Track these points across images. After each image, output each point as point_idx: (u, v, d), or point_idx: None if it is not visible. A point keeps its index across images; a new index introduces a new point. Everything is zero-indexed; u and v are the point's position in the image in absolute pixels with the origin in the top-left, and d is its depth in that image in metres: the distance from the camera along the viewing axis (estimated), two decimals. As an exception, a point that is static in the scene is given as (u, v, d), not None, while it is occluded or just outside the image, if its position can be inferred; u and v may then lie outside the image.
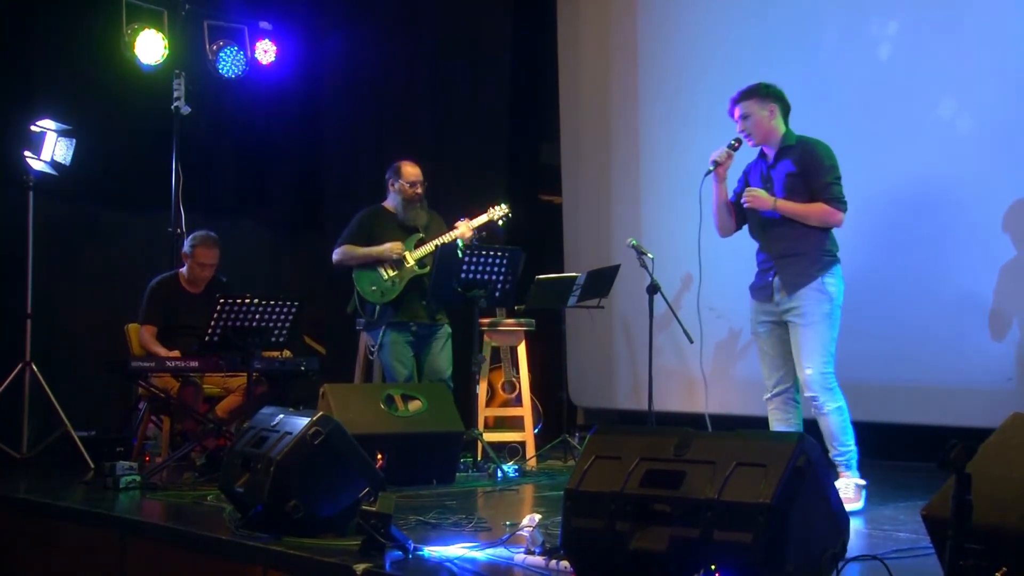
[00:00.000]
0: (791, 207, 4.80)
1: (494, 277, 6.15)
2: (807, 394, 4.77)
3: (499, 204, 6.50)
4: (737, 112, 4.94)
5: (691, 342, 6.46)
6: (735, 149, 4.96)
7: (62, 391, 6.35)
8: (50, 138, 6.50)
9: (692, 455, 3.06)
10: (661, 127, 7.59)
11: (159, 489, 5.23)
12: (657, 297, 6.44)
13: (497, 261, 6.13)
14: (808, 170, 4.81)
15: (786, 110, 4.95)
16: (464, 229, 6.30)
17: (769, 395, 4.96)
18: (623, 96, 7.90)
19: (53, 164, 6.50)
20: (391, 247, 6.29)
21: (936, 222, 6.11)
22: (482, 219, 6.41)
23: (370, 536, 3.48)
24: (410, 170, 6.45)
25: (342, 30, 8.30)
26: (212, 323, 5.53)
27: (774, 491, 2.82)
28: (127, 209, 7.43)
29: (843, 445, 4.77)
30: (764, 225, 4.94)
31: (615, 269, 6.83)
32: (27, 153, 6.46)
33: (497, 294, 6.22)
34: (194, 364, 5.65)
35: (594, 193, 8.12)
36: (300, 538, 3.76)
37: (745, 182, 5.09)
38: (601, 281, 6.79)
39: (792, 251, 4.82)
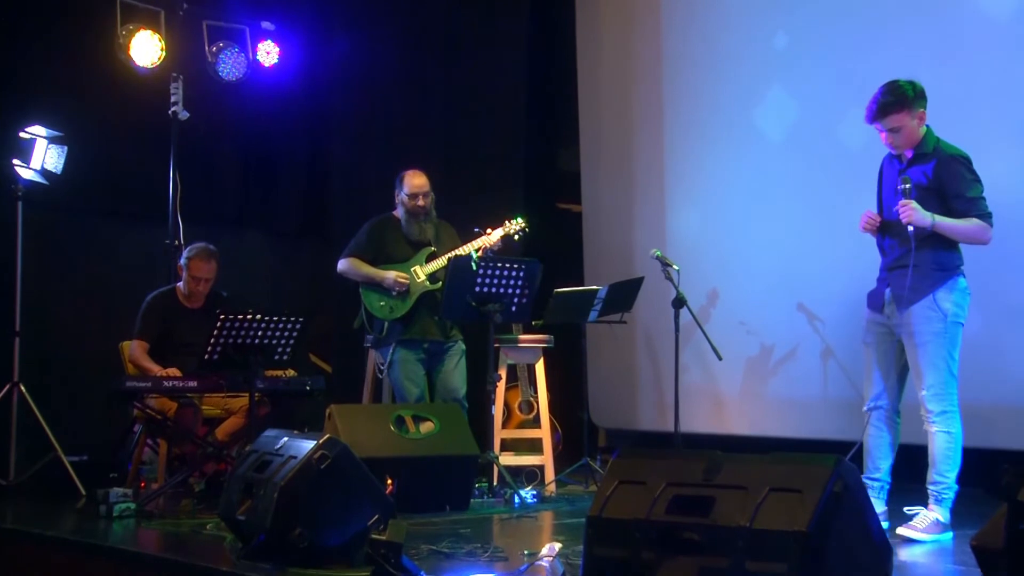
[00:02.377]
0: (949, 224, 4.69)
1: (510, 291, 6.15)
2: (923, 412, 4.74)
3: (514, 218, 6.51)
4: (888, 124, 4.75)
5: (720, 359, 6.45)
6: (910, 193, 4.72)
7: (52, 413, 6.35)
8: (40, 145, 6.52)
9: (722, 480, 3.05)
10: (687, 131, 7.58)
11: (155, 517, 5.24)
12: (683, 311, 6.42)
13: (513, 274, 6.13)
14: (947, 185, 4.71)
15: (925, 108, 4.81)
16: (483, 242, 6.31)
17: (865, 407, 4.94)
18: (646, 98, 7.90)
19: (43, 173, 6.53)
20: (394, 278, 6.30)
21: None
22: (498, 234, 6.41)
23: (380, 567, 3.48)
24: (413, 181, 6.44)
25: (349, 30, 8.32)
26: (212, 340, 5.54)
27: (810, 518, 2.81)
28: (122, 220, 7.45)
29: (940, 475, 4.70)
30: (884, 230, 4.87)
31: (638, 282, 6.82)
32: (16, 161, 6.47)
33: (513, 309, 6.21)
34: (193, 384, 5.66)
35: (616, 201, 8.11)
36: (305, 569, 3.76)
37: (880, 184, 4.97)
38: (624, 294, 6.78)
39: (904, 262, 4.73)
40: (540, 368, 6.85)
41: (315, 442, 3.97)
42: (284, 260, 8.33)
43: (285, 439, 4.15)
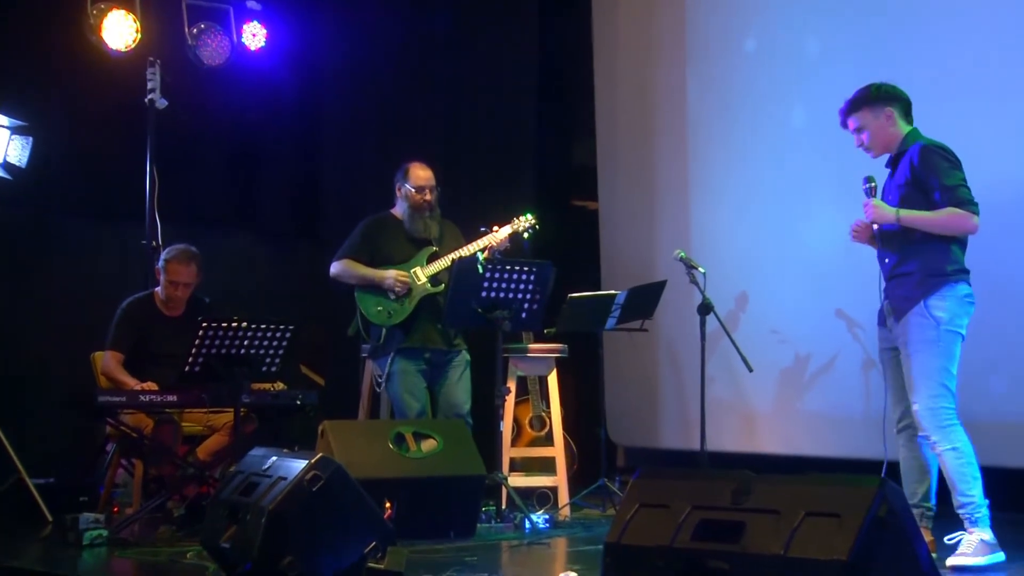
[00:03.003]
0: (915, 216, 4.83)
1: (520, 295, 6.15)
2: (920, 433, 4.83)
3: (524, 215, 6.51)
4: (851, 124, 5.01)
5: (750, 371, 6.45)
6: (874, 192, 4.96)
7: (16, 431, 6.34)
8: (2, 136, 6.54)
9: (753, 503, 3.04)
10: (714, 122, 7.58)
11: (130, 545, 5.24)
12: (710, 318, 6.42)
13: (523, 277, 6.13)
14: (921, 177, 4.83)
15: (906, 109, 4.99)
16: (489, 241, 6.31)
17: (895, 429, 5.02)
18: (669, 86, 7.90)
19: (6, 167, 6.55)
20: (395, 277, 6.30)
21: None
22: (505, 232, 6.41)
23: (377, 598, 3.48)
24: (420, 173, 6.46)
25: (344, 12, 8.33)
26: (193, 350, 5.55)
27: (851, 546, 2.80)
28: (94, 219, 7.46)
29: (963, 495, 4.73)
30: (881, 239, 5.01)
31: (660, 286, 6.82)
32: (-25, 155, 6.51)
33: (524, 315, 6.21)
34: (172, 398, 5.67)
35: (635, 198, 8.11)
36: (296, 601, 3.76)
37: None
38: (644, 300, 6.78)
39: (898, 271, 4.90)
40: (553, 380, 6.84)
41: (307, 462, 3.97)
42: (272, 263, 8.34)
43: (274, 459, 4.15)
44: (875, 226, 4.92)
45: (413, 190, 6.42)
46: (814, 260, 6.93)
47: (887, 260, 4.96)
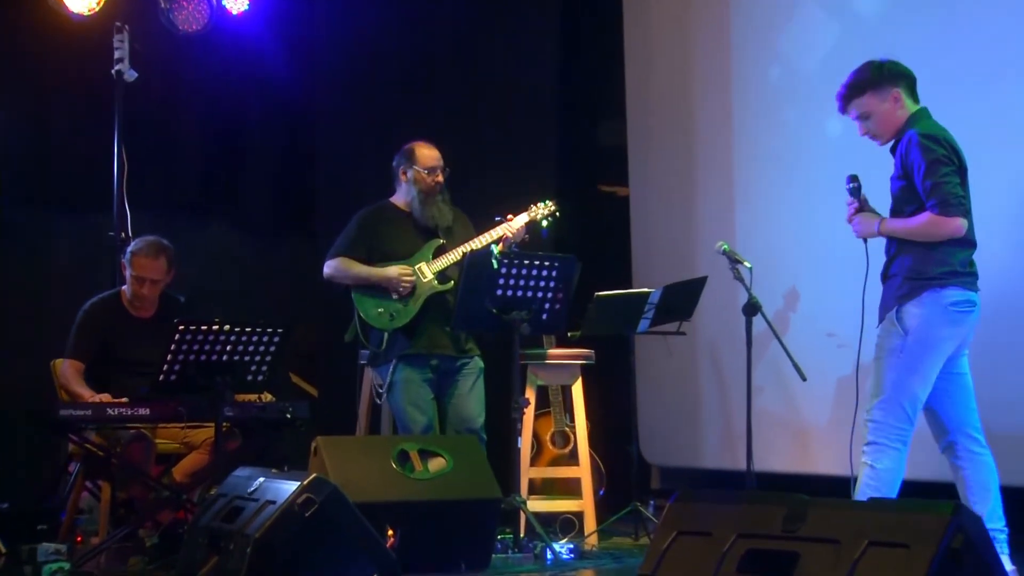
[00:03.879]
0: (895, 226, 5.00)
1: (540, 294, 6.15)
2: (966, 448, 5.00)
3: (543, 202, 6.51)
4: (853, 112, 5.08)
5: (803, 379, 6.43)
6: (858, 192, 5.15)
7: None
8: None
9: (808, 531, 3.04)
10: (762, 96, 7.56)
11: (97, 579, 5.26)
12: (757, 319, 6.40)
13: (544, 273, 6.12)
14: (910, 172, 4.93)
15: (912, 87, 5.06)
16: (504, 231, 6.31)
17: (939, 449, 5.15)
18: (710, 57, 7.89)
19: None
20: (398, 275, 6.30)
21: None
22: (522, 221, 6.41)
23: (378, 639, 3.49)
24: (427, 152, 6.46)
25: (339, -30, 8.36)
26: (168, 357, 5.55)
27: (921, 580, 2.79)
28: (53, 208, 7.49)
29: None
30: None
31: (700, 283, 6.81)
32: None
33: (544, 317, 6.21)
34: (144, 412, 5.66)
35: (671, 183, 8.10)
36: (286, 642, 3.76)
37: None
38: (682, 298, 6.76)
39: (888, 273, 5.07)
40: (578, 391, 6.84)
41: (298, 483, 3.98)
42: (257, 257, 8.36)
43: (260, 480, 4.17)
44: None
45: (424, 171, 6.42)
46: (876, 252, 6.89)
47: (883, 263, 5.11)
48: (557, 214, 6.51)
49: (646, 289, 6.79)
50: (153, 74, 7.26)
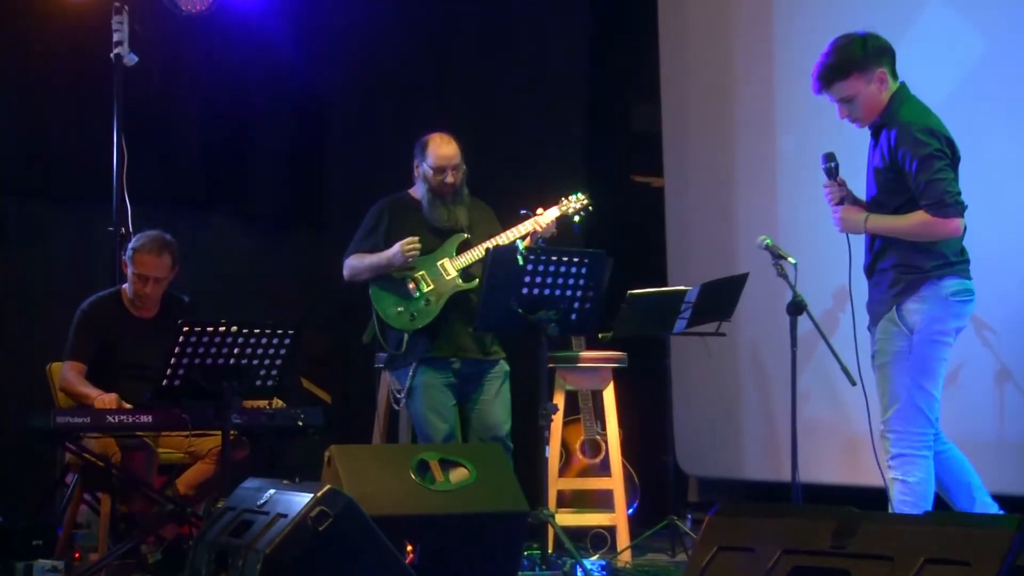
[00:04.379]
0: (883, 224, 5.03)
1: (569, 292, 6.14)
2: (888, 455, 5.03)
3: (574, 194, 6.51)
4: (835, 94, 5.07)
5: (853, 383, 6.40)
6: (835, 173, 5.22)
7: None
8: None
9: (859, 547, 3.04)
10: (807, 79, 7.51)
11: (97, 597, 5.28)
12: (802, 319, 6.39)
13: (573, 270, 6.12)
14: (899, 165, 4.95)
15: (893, 62, 5.06)
16: (531, 226, 6.31)
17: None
18: (751, 36, 7.88)
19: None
20: (400, 249, 6.29)
21: None
22: (551, 215, 6.41)
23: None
24: (440, 149, 6.42)
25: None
26: (172, 360, 5.57)
27: (983, 599, 2.79)
28: (49, 200, 7.50)
29: None
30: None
31: (741, 280, 6.80)
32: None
33: (573, 317, 6.20)
34: (146, 419, 5.70)
35: (709, 172, 8.09)
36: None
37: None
38: (721, 297, 6.76)
39: (876, 266, 5.11)
40: (609, 396, 6.85)
41: (311, 496, 3.99)
42: (266, 254, 8.37)
43: (271, 492, 4.18)
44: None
45: (432, 171, 6.41)
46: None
47: (870, 252, 5.13)
48: (590, 208, 6.50)
49: (682, 287, 6.78)
50: (154, 58, 7.26)
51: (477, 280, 6.30)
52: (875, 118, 5.06)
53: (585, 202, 6.49)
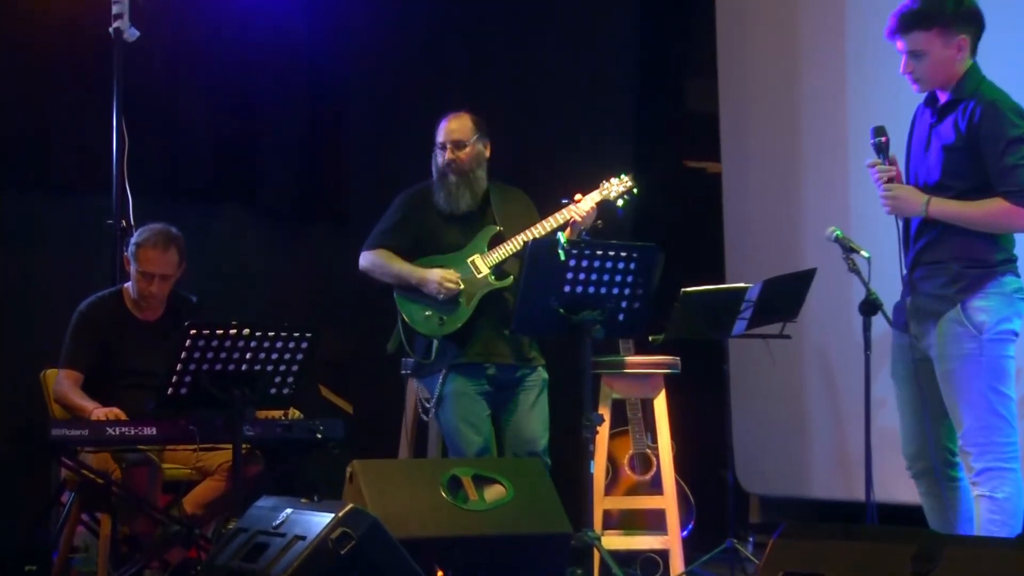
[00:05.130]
0: (950, 209, 4.95)
1: (616, 290, 6.12)
2: (955, 474, 5.02)
3: (618, 176, 6.49)
4: (906, 44, 5.02)
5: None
6: (886, 149, 5.17)
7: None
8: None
9: (943, 574, 3.01)
10: (882, 51, 7.49)
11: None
12: (876, 319, 6.36)
13: (620, 265, 6.10)
14: (978, 144, 4.90)
15: (978, 37, 5.03)
16: (571, 214, 6.30)
17: (910, 472, 5.21)
18: (820, 5, 7.84)
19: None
20: (439, 279, 6.29)
21: None
22: (592, 200, 6.40)
23: None
24: (447, 124, 6.47)
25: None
26: (178, 367, 5.58)
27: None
28: (42, 192, 7.53)
29: None
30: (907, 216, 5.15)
31: (808, 276, 6.78)
32: None
33: (621, 317, 6.18)
34: (150, 431, 5.71)
35: (772, 156, 8.07)
36: None
37: (908, 142, 5.22)
38: (786, 295, 6.74)
39: (929, 258, 5.05)
40: (661, 406, 6.83)
41: (332, 516, 3.99)
42: (281, 250, 8.38)
43: (287, 512, 4.18)
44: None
45: (437, 148, 6.45)
46: (1019, 237, 6.85)
47: (918, 241, 5.07)
48: (635, 191, 6.47)
49: (742, 284, 6.76)
50: (157, 33, 7.29)
51: (511, 278, 6.30)
52: (940, 88, 5.05)
53: (629, 184, 6.46)
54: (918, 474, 5.15)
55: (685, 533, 6.94)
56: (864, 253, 6.42)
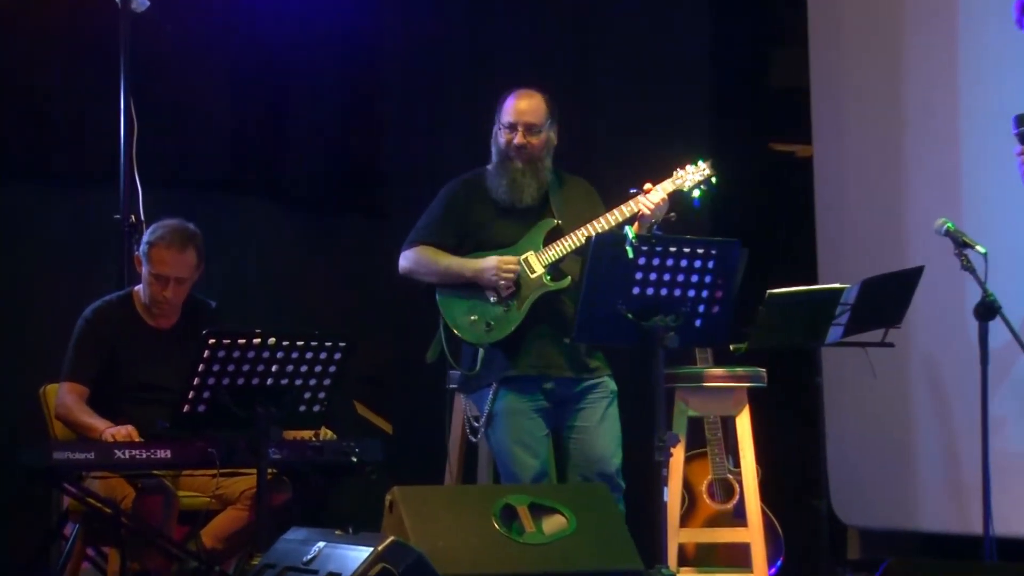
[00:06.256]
0: None
1: (692, 293, 6.11)
2: None
3: (694, 162, 6.48)
4: None
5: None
6: None
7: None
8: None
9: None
10: (999, 21, 7.48)
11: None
12: (994, 324, 6.34)
13: (697, 264, 6.09)
14: None
15: None
16: (641, 206, 6.29)
17: None
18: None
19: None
20: (497, 266, 6.28)
21: None
22: (663, 190, 6.39)
23: None
24: (517, 104, 6.41)
25: None
26: (196, 381, 5.60)
27: None
28: (44, 184, 7.58)
29: None
30: None
31: (915, 275, 6.76)
32: None
33: (698, 324, 6.17)
34: (163, 454, 5.71)
35: (872, 138, 8.05)
36: None
37: None
38: (888, 297, 6.73)
39: None
40: (745, 424, 6.84)
41: (371, 550, 4.01)
42: (309, 248, 8.41)
43: (320, 545, 4.20)
44: None
45: (504, 129, 6.41)
46: None
47: None
48: (713, 180, 6.46)
49: (838, 285, 6.75)
50: (170, 8, 7.32)
51: (569, 279, 6.29)
52: None
53: (707, 172, 6.44)
54: None
55: (773, 571, 6.93)
56: (980, 249, 6.41)
